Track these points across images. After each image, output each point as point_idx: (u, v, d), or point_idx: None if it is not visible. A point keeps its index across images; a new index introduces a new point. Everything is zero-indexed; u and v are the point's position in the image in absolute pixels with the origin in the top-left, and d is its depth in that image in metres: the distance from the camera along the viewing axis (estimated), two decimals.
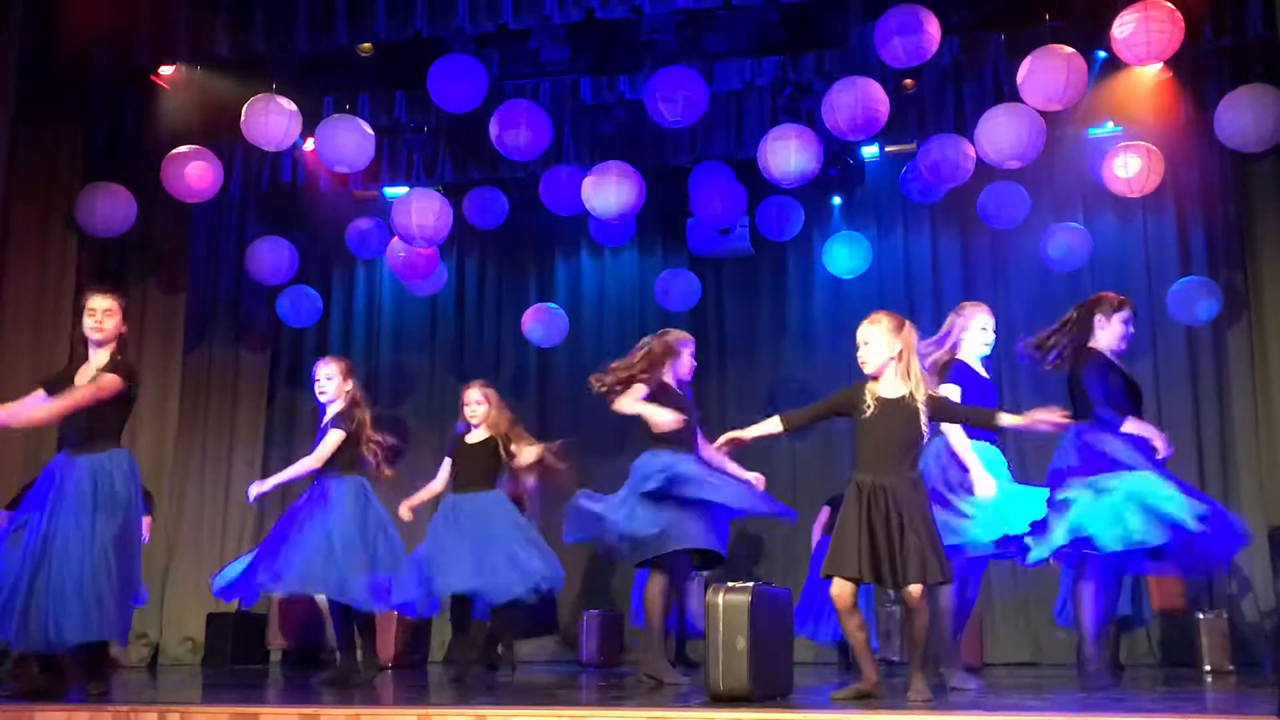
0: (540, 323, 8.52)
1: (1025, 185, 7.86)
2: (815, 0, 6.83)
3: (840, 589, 4.26)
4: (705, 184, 7.90)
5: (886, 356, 4.43)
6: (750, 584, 4.62)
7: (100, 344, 4.91)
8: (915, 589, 4.22)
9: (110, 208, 7.39)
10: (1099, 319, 5.26)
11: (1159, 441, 4.95)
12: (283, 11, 6.77)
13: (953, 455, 5.16)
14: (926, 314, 8.77)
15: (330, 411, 5.85)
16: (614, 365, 5.72)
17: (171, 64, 7.32)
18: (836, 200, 8.86)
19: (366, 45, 7.06)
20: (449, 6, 6.57)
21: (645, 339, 5.80)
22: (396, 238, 8.18)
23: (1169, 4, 6.24)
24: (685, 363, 5.76)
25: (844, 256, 8.25)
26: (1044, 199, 8.28)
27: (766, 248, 8.65)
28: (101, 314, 4.89)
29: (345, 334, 9.48)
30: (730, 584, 4.66)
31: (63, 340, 7.51)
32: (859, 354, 4.48)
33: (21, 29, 6.68)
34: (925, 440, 4.48)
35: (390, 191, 8.61)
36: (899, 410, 4.38)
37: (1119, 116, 7.38)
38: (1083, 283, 8.33)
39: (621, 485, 5.84)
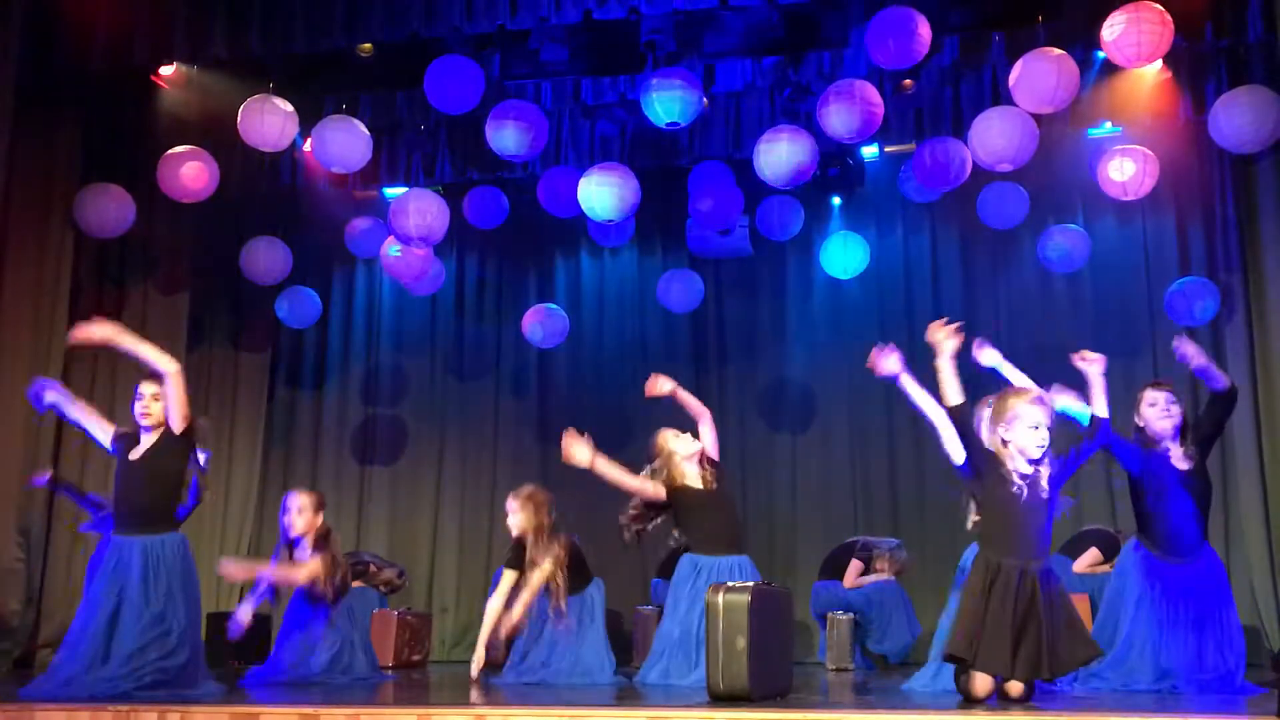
0: (540, 323, 8.52)
1: (1025, 186, 7.86)
2: (815, 1, 6.83)
3: (985, 685, 4.22)
4: (704, 184, 7.90)
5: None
6: (750, 584, 4.62)
7: (150, 428, 5.06)
8: None
9: (108, 208, 7.39)
10: None
11: None
12: (281, 12, 6.76)
13: None
14: (926, 314, 8.76)
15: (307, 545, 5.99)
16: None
17: (171, 64, 7.31)
18: (836, 200, 8.86)
19: (367, 46, 7.06)
20: (447, 7, 6.57)
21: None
22: (391, 239, 8.18)
23: (1159, 6, 6.23)
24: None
25: (840, 257, 8.25)
26: (1043, 199, 8.27)
27: (766, 248, 8.65)
28: (149, 398, 5.03)
29: (345, 334, 9.48)
30: (730, 584, 4.66)
31: (60, 340, 7.51)
32: (1043, 435, 4.38)
33: (21, 29, 6.68)
34: None
35: (390, 191, 8.60)
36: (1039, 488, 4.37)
37: (1118, 117, 7.37)
38: (1082, 283, 8.35)
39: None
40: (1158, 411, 5.25)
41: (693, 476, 5.73)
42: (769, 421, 8.97)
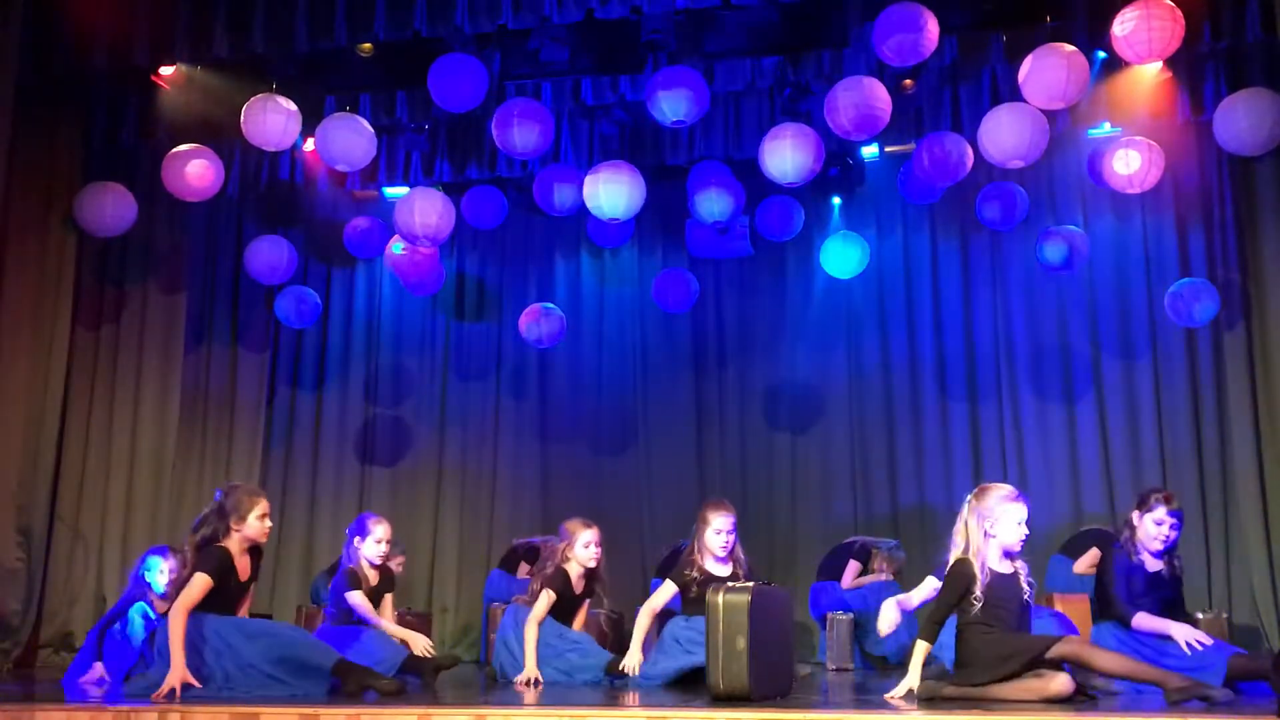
0: (536, 323, 8.51)
1: (1025, 186, 7.87)
2: (815, 0, 6.83)
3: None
4: (703, 183, 7.90)
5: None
6: (750, 584, 4.63)
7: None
8: None
9: (111, 207, 7.39)
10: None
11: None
12: (282, 12, 6.76)
13: None
14: (926, 314, 8.81)
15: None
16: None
17: (171, 64, 7.32)
18: (836, 200, 8.87)
19: (367, 45, 7.05)
20: (448, 6, 6.57)
21: None
22: (395, 240, 8.17)
23: (1169, 1, 6.23)
24: (710, 539, 5.71)
25: (840, 257, 8.24)
26: (1043, 199, 8.29)
27: (766, 248, 8.65)
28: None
29: (345, 334, 9.47)
30: (730, 584, 4.67)
31: (61, 340, 7.52)
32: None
33: (22, 29, 6.68)
34: None
35: (389, 191, 8.61)
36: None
37: (1118, 117, 7.38)
38: (1082, 283, 8.36)
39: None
40: (1163, 531, 5.32)
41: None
42: (769, 421, 8.98)
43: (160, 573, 6.42)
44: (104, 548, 7.67)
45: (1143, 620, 5.17)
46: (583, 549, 6.04)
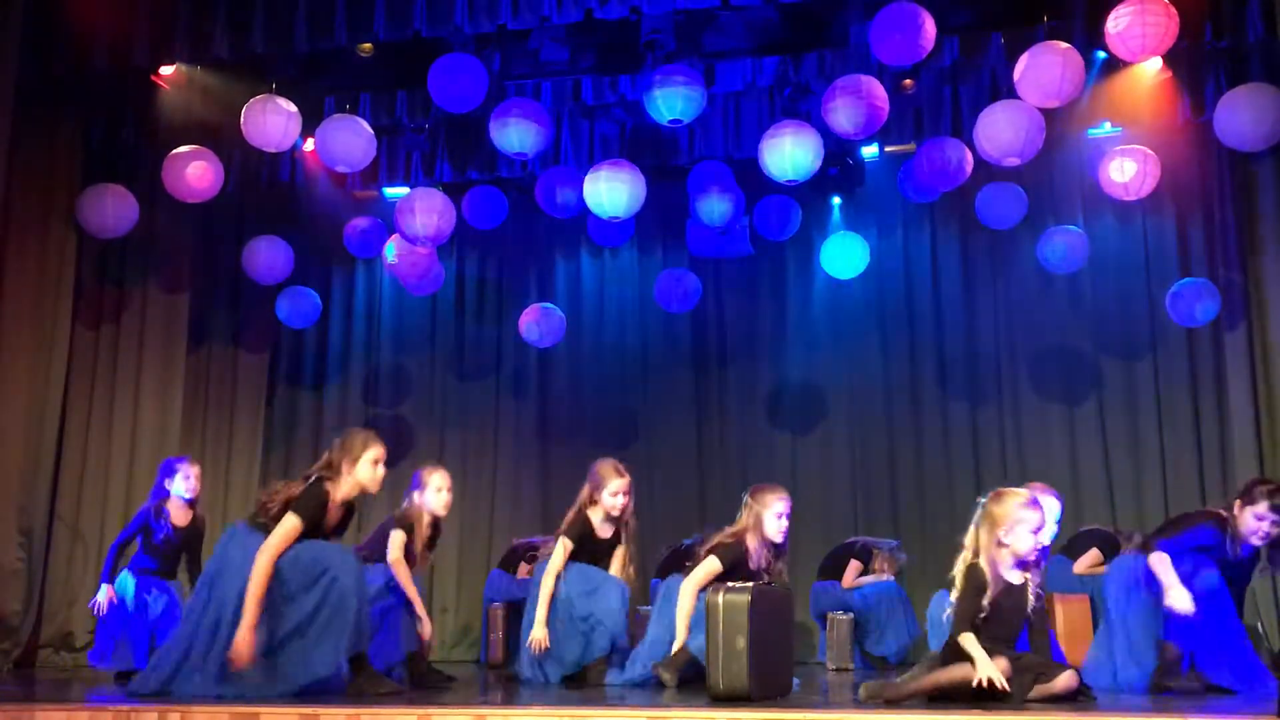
0: (536, 323, 8.51)
1: (1024, 186, 7.87)
2: (815, 0, 6.83)
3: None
4: (703, 184, 7.90)
5: None
6: (750, 584, 4.63)
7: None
8: None
9: (112, 207, 7.39)
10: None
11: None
12: (282, 12, 6.77)
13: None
14: (926, 314, 8.81)
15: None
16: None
17: (171, 64, 7.32)
18: (836, 200, 8.87)
19: (366, 45, 7.06)
20: (448, 6, 6.57)
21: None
22: (393, 239, 8.16)
23: None
24: (770, 524, 5.43)
25: (840, 257, 8.25)
26: (1043, 200, 8.28)
27: (766, 248, 8.66)
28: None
29: (345, 334, 9.47)
30: (730, 584, 4.67)
31: (61, 340, 7.52)
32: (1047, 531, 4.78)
33: (22, 29, 6.69)
34: None
35: (389, 191, 8.61)
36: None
37: (1118, 117, 7.38)
38: (1082, 283, 8.36)
39: None
40: (1263, 526, 5.19)
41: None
42: (769, 421, 8.98)
43: (184, 478, 6.36)
44: (104, 548, 7.65)
45: (1157, 561, 5.11)
46: (609, 497, 5.73)
